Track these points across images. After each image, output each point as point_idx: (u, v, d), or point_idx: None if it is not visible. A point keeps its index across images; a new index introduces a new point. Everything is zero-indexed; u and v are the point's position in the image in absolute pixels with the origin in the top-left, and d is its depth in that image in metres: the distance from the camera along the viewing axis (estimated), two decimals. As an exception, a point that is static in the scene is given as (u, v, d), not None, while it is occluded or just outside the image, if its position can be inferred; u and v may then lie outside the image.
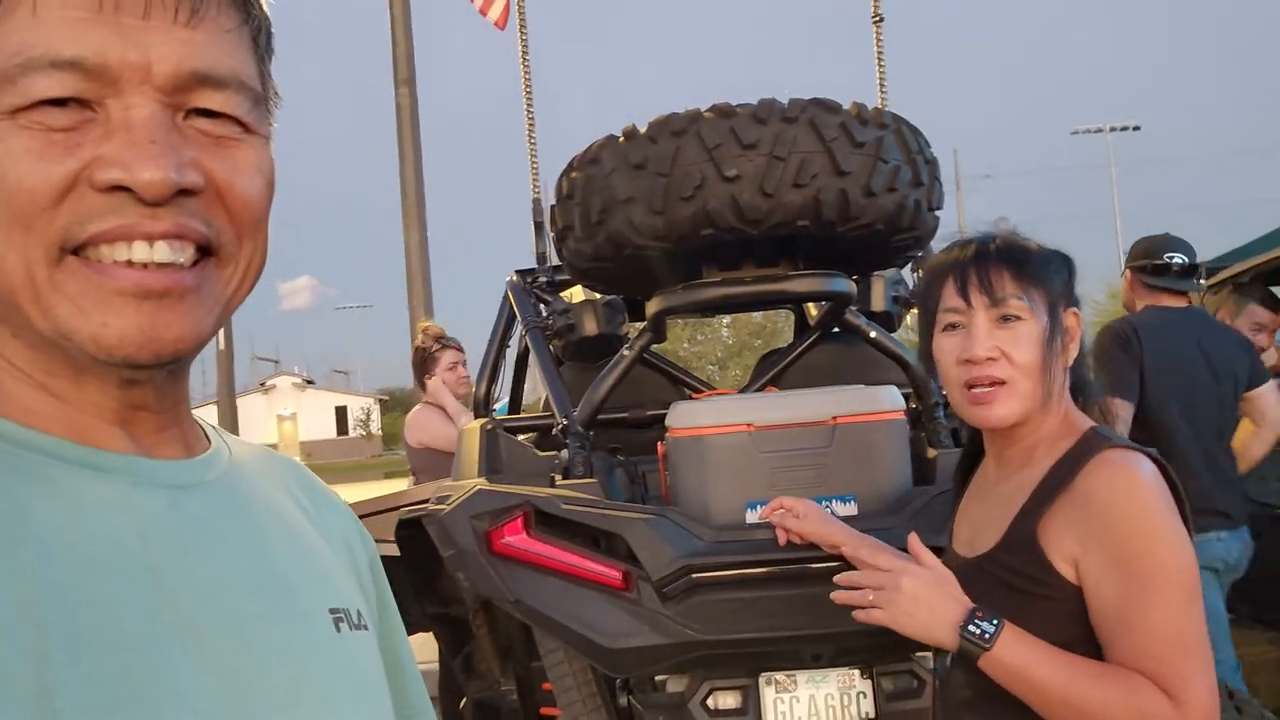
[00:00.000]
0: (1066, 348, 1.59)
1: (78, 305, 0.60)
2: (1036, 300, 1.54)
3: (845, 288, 2.76)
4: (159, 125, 0.60)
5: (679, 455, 2.51)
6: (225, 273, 0.66)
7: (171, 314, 0.62)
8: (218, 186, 0.63)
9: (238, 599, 0.65)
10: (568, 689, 2.63)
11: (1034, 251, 1.60)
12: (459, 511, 2.40)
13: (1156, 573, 1.43)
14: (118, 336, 0.60)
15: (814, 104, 2.43)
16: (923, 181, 2.55)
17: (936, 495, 2.36)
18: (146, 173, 0.59)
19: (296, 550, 0.73)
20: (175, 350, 0.63)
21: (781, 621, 2.24)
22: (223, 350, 12.46)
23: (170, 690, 0.57)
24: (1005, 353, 1.53)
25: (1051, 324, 1.55)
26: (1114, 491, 1.46)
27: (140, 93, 0.60)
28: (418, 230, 9.50)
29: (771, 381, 3.36)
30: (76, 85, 0.59)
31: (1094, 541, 1.46)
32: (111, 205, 0.59)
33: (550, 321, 3.43)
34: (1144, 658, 1.43)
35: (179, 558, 0.63)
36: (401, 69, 9.48)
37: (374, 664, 0.75)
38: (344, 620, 0.72)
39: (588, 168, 2.58)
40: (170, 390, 0.69)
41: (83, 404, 0.64)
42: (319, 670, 0.67)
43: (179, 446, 0.70)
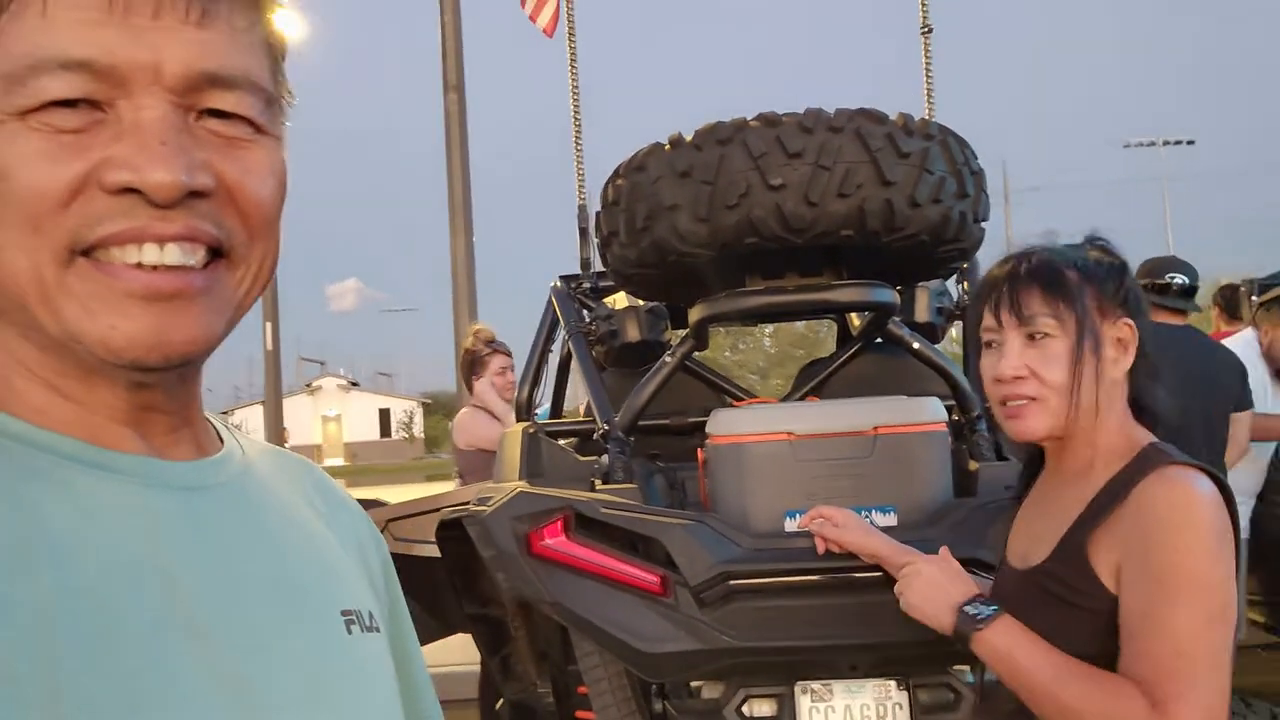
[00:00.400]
0: (1117, 360, 1.58)
1: (86, 307, 0.59)
2: (1067, 316, 1.55)
3: (888, 298, 2.76)
4: (170, 126, 0.60)
5: (718, 462, 2.51)
6: (237, 274, 0.65)
7: (182, 316, 0.61)
8: (229, 188, 0.63)
9: (249, 601, 0.64)
10: (603, 693, 2.64)
11: (1067, 267, 1.59)
12: (500, 513, 2.42)
13: (1184, 584, 1.42)
14: (126, 339, 0.60)
15: (860, 114, 2.43)
16: (968, 193, 2.54)
17: (977, 507, 2.34)
18: (157, 175, 0.58)
19: (309, 551, 0.73)
20: (185, 353, 0.62)
21: (819, 630, 2.23)
22: (270, 351, 12.60)
23: (180, 694, 0.57)
24: (1034, 371, 1.56)
25: (1082, 339, 1.55)
26: (1166, 505, 1.46)
27: (151, 94, 0.59)
28: (464, 235, 9.57)
29: (813, 391, 3.36)
30: (86, 86, 0.58)
31: (1135, 547, 1.46)
32: (122, 207, 0.59)
33: (593, 327, 3.45)
34: (1144, 661, 1.43)
35: (191, 560, 0.62)
36: (451, 75, 9.56)
37: (385, 667, 0.75)
38: (355, 623, 0.71)
39: (633, 174, 2.59)
40: (181, 391, 0.68)
41: (93, 405, 0.64)
42: (330, 673, 0.67)
43: (191, 447, 0.69)
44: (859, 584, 2.19)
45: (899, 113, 2.49)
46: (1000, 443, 2.72)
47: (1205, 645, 1.41)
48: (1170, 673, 1.41)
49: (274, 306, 12.60)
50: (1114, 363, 1.58)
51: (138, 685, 0.56)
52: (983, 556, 2.19)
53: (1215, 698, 1.41)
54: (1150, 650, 1.43)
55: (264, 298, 10.72)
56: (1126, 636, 1.45)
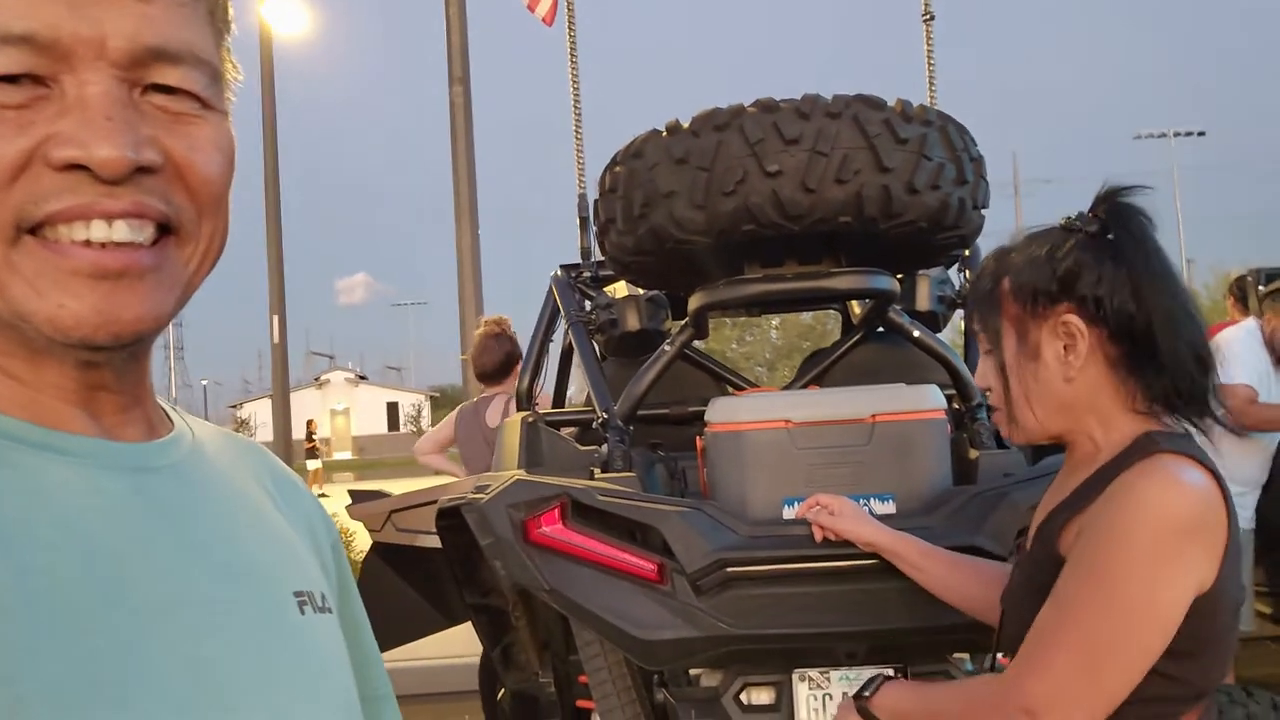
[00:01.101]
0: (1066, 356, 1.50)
1: (34, 286, 0.59)
2: (1003, 327, 1.57)
3: (888, 285, 2.74)
4: (115, 102, 0.59)
5: (717, 450, 2.51)
6: (185, 252, 0.64)
7: (130, 294, 0.61)
8: (177, 164, 0.62)
9: (203, 582, 0.64)
10: (603, 682, 2.64)
11: (991, 278, 1.60)
12: (497, 500, 2.42)
13: (1102, 573, 1.37)
14: (74, 318, 0.59)
15: (858, 100, 2.41)
16: (968, 179, 2.53)
17: (976, 495, 2.33)
18: (103, 150, 0.58)
19: (261, 533, 0.72)
20: (135, 330, 0.62)
21: (815, 618, 2.23)
22: (277, 345, 12.62)
23: (137, 675, 0.57)
24: (989, 384, 1.62)
25: (1021, 346, 1.54)
26: (1134, 496, 1.39)
27: (95, 69, 0.59)
28: (469, 228, 9.57)
29: (815, 380, 3.35)
30: (29, 61, 0.58)
31: (1087, 529, 1.42)
32: (68, 184, 0.58)
33: (593, 316, 3.45)
34: (1029, 635, 1.42)
35: (143, 542, 0.62)
36: (456, 67, 9.55)
37: (338, 646, 0.75)
38: (308, 603, 0.71)
39: (630, 161, 2.58)
40: (131, 371, 0.68)
41: (41, 385, 0.63)
42: (284, 653, 0.67)
43: (142, 428, 0.69)
44: (856, 572, 2.19)
45: (897, 99, 2.48)
46: (999, 431, 2.71)
47: (1089, 633, 1.36)
48: (1038, 644, 1.39)
49: (281, 300, 12.61)
50: (1062, 361, 1.51)
51: (97, 667, 0.55)
52: (981, 544, 2.18)
53: (1074, 682, 1.35)
54: (1039, 621, 1.42)
55: (271, 291, 10.72)
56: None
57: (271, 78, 12.82)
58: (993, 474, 2.50)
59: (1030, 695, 1.37)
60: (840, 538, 2.15)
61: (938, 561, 1.99)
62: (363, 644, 0.86)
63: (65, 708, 0.53)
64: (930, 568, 1.99)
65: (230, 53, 0.69)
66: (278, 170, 12.85)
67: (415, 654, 5.44)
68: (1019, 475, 2.42)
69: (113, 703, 0.55)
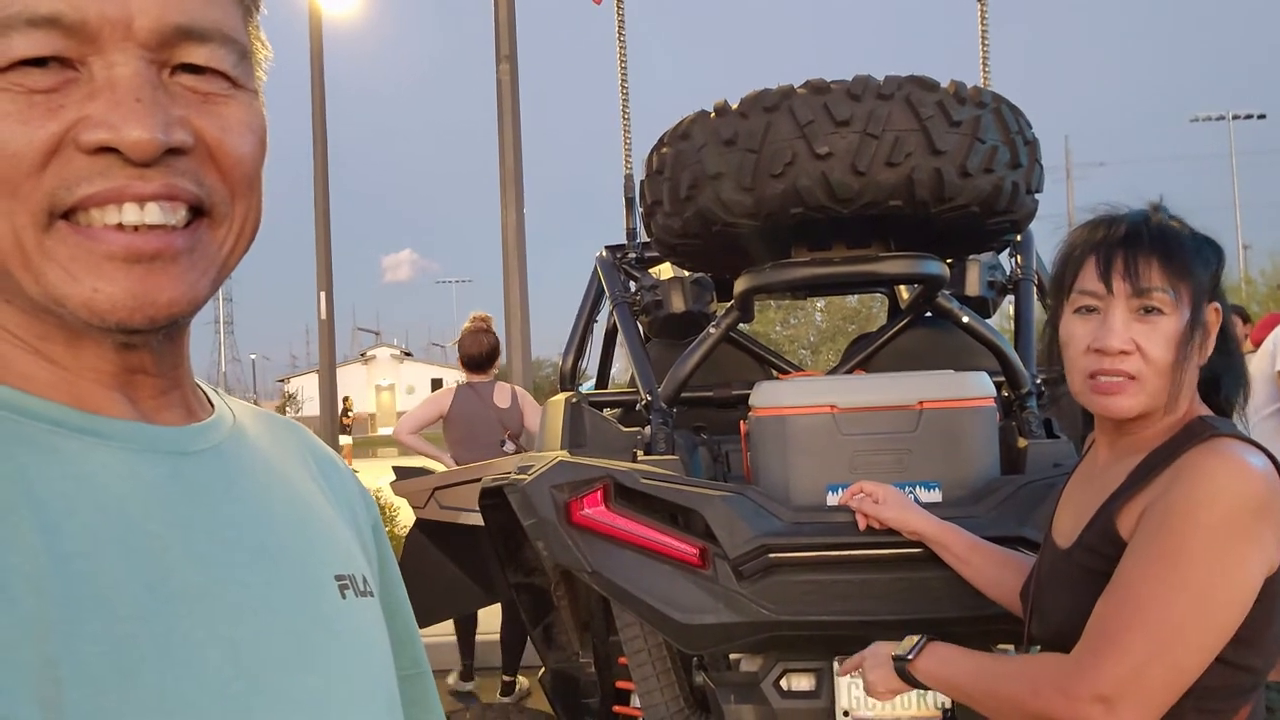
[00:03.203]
0: (1203, 344, 1.48)
1: (69, 271, 0.59)
2: (1182, 294, 1.43)
3: (937, 270, 2.70)
4: (144, 83, 0.59)
5: (761, 434, 2.49)
6: (219, 234, 0.64)
7: (164, 276, 0.60)
8: (208, 145, 0.62)
9: (240, 566, 0.64)
10: (643, 664, 2.64)
11: (1187, 240, 1.48)
12: (540, 481, 2.42)
13: (1172, 552, 1.33)
14: (109, 302, 0.59)
15: (910, 81, 2.37)
16: (1021, 163, 2.48)
17: (1024, 485, 2.30)
18: (134, 132, 0.57)
19: (301, 516, 0.72)
20: (169, 313, 0.61)
21: (857, 605, 2.21)
22: (324, 321, 12.74)
23: (174, 658, 0.57)
24: (1140, 347, 1.44)
25: (1193, 321, 1.44)
26: (1204, 475, 1.36)
27: (123, 49, 0.58)
28: (515, 206, 9.58)
29: (860, 365, 3.31)
30: (56, 43, 0.57)
31: (1154, 508, 1.39)
32: (99, 167, 0.58)
33: (638, 297, 3.43)
34: (1094, 617, 1.37)
35: (181, 526, 0.62)
36: (503, 45, 9.54)
37: (379, 630, 0.75)
38: (349, 587, 0.72)
39: (678, 143, 2.56)
40: (169, 352, 0.68)
41: (80, 369, 0.63)
42: (324, 637, 0.67)
43: (180, 411, 0.69)
44: (900, 560, 2.17)
45: (951, 80, 2.43)
46: (1051, 420, 2.67)
47: (1161, 615, 1.32)
48: (1108, 627, 1.35)
49: (328, 277, 12.72)
50: (1203, 348, 1.49)
51: (132, 651, 0.55)
52: (1028, 534, 2.15)
53: (1150, 666, 1.31)
54: (1104, 604, 1.37)
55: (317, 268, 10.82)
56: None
57: (321, 56, 12.89)
58: (1041, 463, 2.46)
59: (1104, 680, 1.33)
60: (884, 526, 2.13)
61: (985, 556, 1.96)
62: (401, 622, 0.86)
63: (102, 690, 0.53)
64: (976, 561, 1.96)
65: (260, 30, 0.69)
66: (326, 148, 12.94)
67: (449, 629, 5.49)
68: (1068, 465, 2.38)
69: (149, 686, 0.55)
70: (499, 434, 5.11)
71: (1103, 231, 1.50)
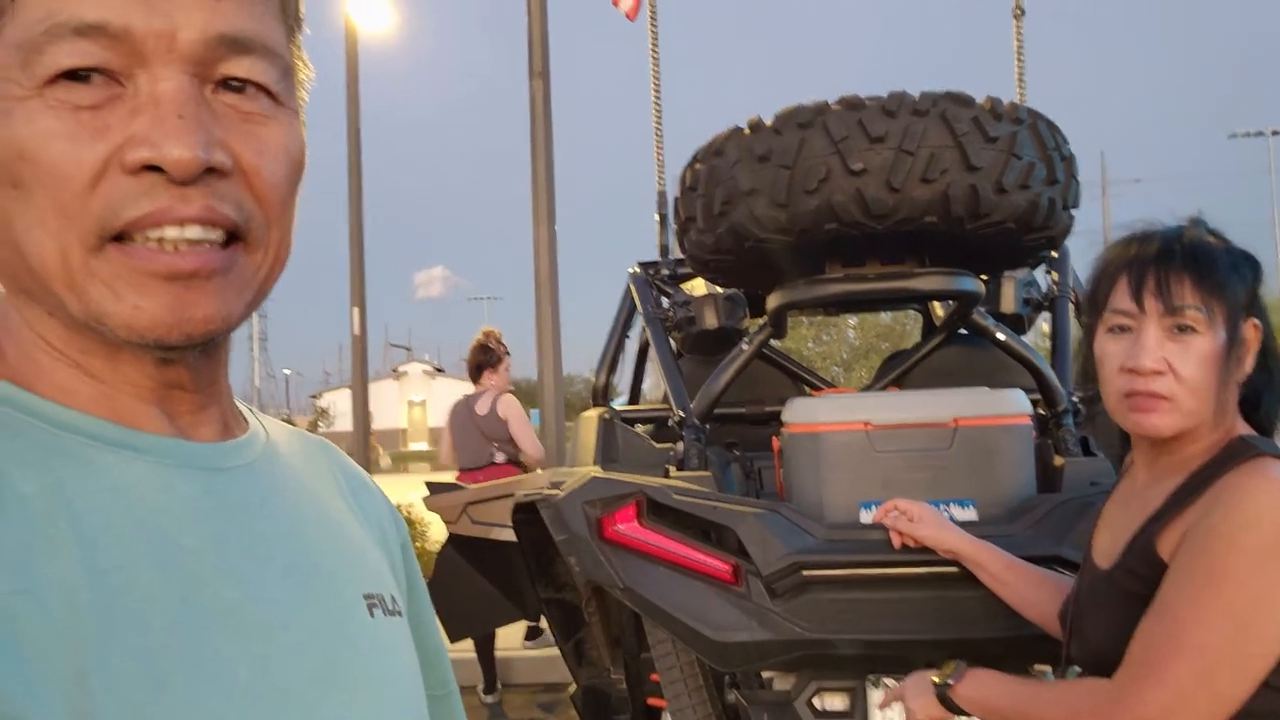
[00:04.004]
0: (1242, 361, 1.45)
1: (112, 289, 0.60)
2: (1216, 312, 1.41)
3: (973, 287, 2.69)
4: (188, 99, 0.59)
5: (794, 451, 2.48)
6: (255, 258, 0.64)
7: (201, 294, 0.61)
8: (245, 170, 0.62)
9: (271, 583, 0.64)
10: (674, 681, 2.63)
11: (1221, 256, 1.45)
12: (573, 497, 2.42)
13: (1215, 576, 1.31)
14: (150, 319, 0.60)
15: (946, 97, 2.36)
16: (1058, 179, 2.46)
17: (1060, 503, 2.27)
18: (175, 150, 0.58)
19: (332, 534, 0.73)
20: (205, 330, 0.62)
21: (891, 625, 2.19)
22: (357, 336, 12.82)
23: (205, 672, 0.58)
24: (1173, 366, 1.42)
25: (1230, 339, 1.42)
26: (1245, 496, 1.34)
27: (167, 63, 0.59)
28: (546, 224, 9.59)
29: (895, 382, 3.30)
30: (101, 55, 0.58)
31: (1194, 532, 1.36)
32: (143, 188, 0.58)
33: (671, 314, 3.44)
34: (1136, 640, 1.35)
35: (214, 542, 0.62)
36: (536, 61, 9.58)
37: (407, 649, 0.75)
38: (378, 606, 0.72)
39: (711, 159, 2.57)
40: (206, 369, 0.68)
41: (118, 383, 0.64)
42: (352, 655, 0.67)
43: (216, 427, 0.70)
44: (934, 579, 2.15)
45: (986, 96, 2.42)
46: (1088, 438, 2.64)
47: (1204, 640, 1.30)
48: (1150, 653, 1.33)
49: (361, 292, 12.80)
50: (1241, 366, 1.46)
51: (163, 664, 0.56)
52: (1065, 554, 2.13)
53: (1193, 692, 1.29)
54: (1146, 629, 1.35)
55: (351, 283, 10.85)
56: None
57: (356, 72, 13.01)
58: (1078, 482, 2.43)
59: (1147, 708, 1.31)
60: (919, 544, 2.11)
61: (1021, 575, 1.93)
62: (429, 642, 0.87)
63: (133, 702, 0.54)
64: (1012, 581, 1.93)
65: (302, 50, 0.69)
66: (360, 165, 13.04)
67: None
68: (1106, 483, 2.36)
69: (179, 699, 0.56)
70: (483, 441, 5.47)
71: (1135, 249, 1.48)
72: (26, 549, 0.54)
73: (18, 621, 0.52)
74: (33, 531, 0.55)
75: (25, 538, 0.55)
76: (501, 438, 5.44)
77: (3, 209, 0.60)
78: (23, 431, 0.59)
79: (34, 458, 0.58)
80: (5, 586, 0.53)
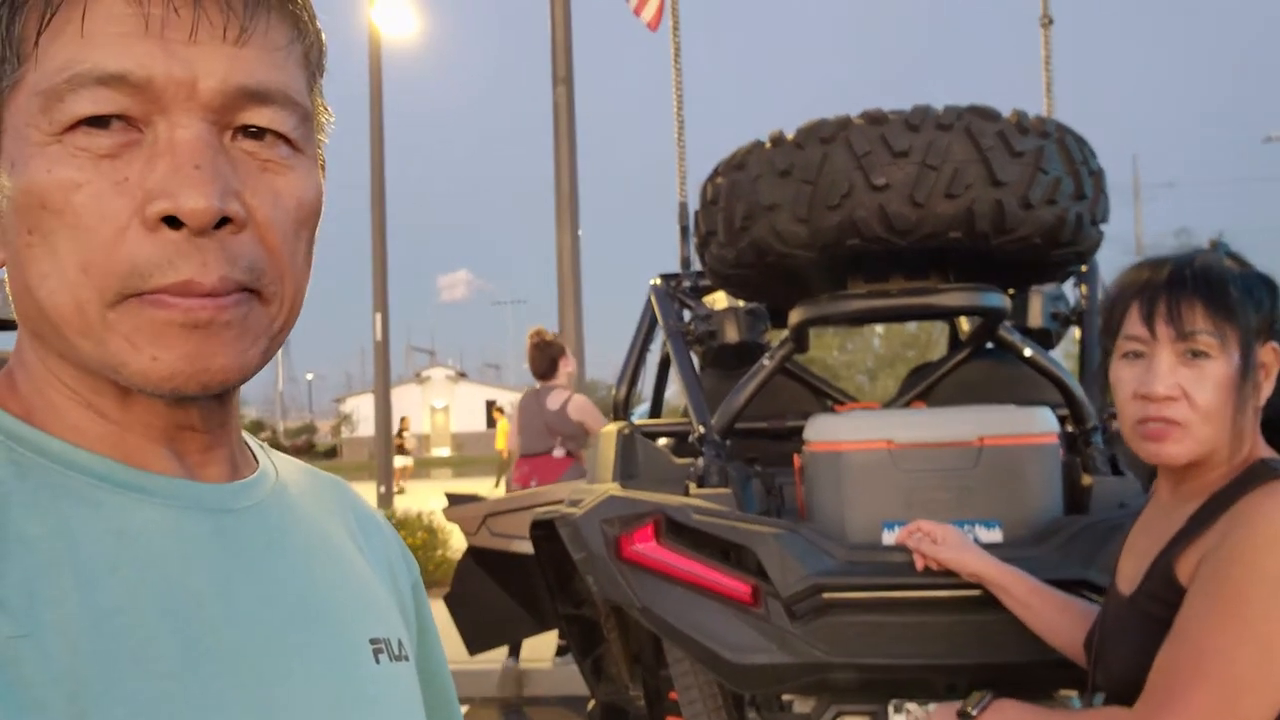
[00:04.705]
0: (1260, 386, 1.43)
1: (131, 341, 0.60)
2: (1229, 336, 1.40)
3: (998, 302, 2.64)
4: (205, 147, 0.60)
5: (815, 470, 2.44)
6: (270, 310, 0.64)
7: (217, 343, 0.61)
8: (259, 223, 0.62)
9: (277, 627, 0.64)
10: (693, 701, 2.60)
11: (1235, 280, 1.44)
12: (590, 515, 2.40)
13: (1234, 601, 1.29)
14: (168, 370, 0.60)
15: (970, 111, 2.32)
16: (1086, 194, 2.41)
17: (1088, 525, 2.23)
18: (191, 200, 0.58)
19: (340, 577, 0.73)
20: (222, 380, 0.62)
21: (914, 649, 2.15)
22: (379, 342, 12.86)
23: (207, 718, 0.57)
24: (1187, 392, 1.41)
25: (1244, 364, 1.40)
26: (1262, 519, 1.31)
27: (186, 110, 0.59)
28: (570, 229, 9.61)
29: (920, 396, 3.25)
30: (122, 102, 0.58)
31: (1212, 554, 1.34)
32: (165, 253, 0.59)
33: (692, 327, 3.40)
34: (1158, 668, 1.33)
35: (222, 585, 0.62)
36: (560, 67, 9.60)
37: (412, 696, 0.74)
38: (384, 651, 0.71)
39: (732, 173, 2.54)
40: (217, 411, 0.68)
41: (129, 424, 0.64)
42: (355, 702, 0.67)
43: (225, 468, 0.69)
44: (958, 602, 2.11)
45: (1013, 109, 2.38)
46: (1117, 456, 2.59)
47: (1225, 667, 1.28)
48: (1171, 680, 1.31)
49: (384, 297, 12.85)
50: (1259, 390, 1.45)
51: (164, 710, 0.56)
52: (1092, 578, 2.08)
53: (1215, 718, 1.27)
54: (1166, 656, 1.33)
55: (374, 289, 10.92)
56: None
57: (380, 77, 13.07)
58: (1107, 503, 2.38)
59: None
60: (942, 567, 2.07)
61: (1046, 600, 1.89)
62: (439, 685, 0.87)
63: None
64: (1037, 606, 1.89)
65: (323, 95, 0.69)
66: (383, 168, 13.10)
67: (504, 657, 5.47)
68: (1135, 504, 2.31)
69: None
70: (546, 434, 5.64)
71: (1147, 274, 1.49)
72: (29, 592, 0.54)
73: (19, 666, 0.52)
74: (36, 574, 0.55)
75: (28, 580, 0.55)
76: (566, 433, 5.63)
77: (20, 254, 0.60)
78: (32, 471, 0.60)
79: (42, 498, 0.58)
80: (7, 630, 0.52)
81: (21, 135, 0.59)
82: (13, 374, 0.66)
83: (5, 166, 0.60)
